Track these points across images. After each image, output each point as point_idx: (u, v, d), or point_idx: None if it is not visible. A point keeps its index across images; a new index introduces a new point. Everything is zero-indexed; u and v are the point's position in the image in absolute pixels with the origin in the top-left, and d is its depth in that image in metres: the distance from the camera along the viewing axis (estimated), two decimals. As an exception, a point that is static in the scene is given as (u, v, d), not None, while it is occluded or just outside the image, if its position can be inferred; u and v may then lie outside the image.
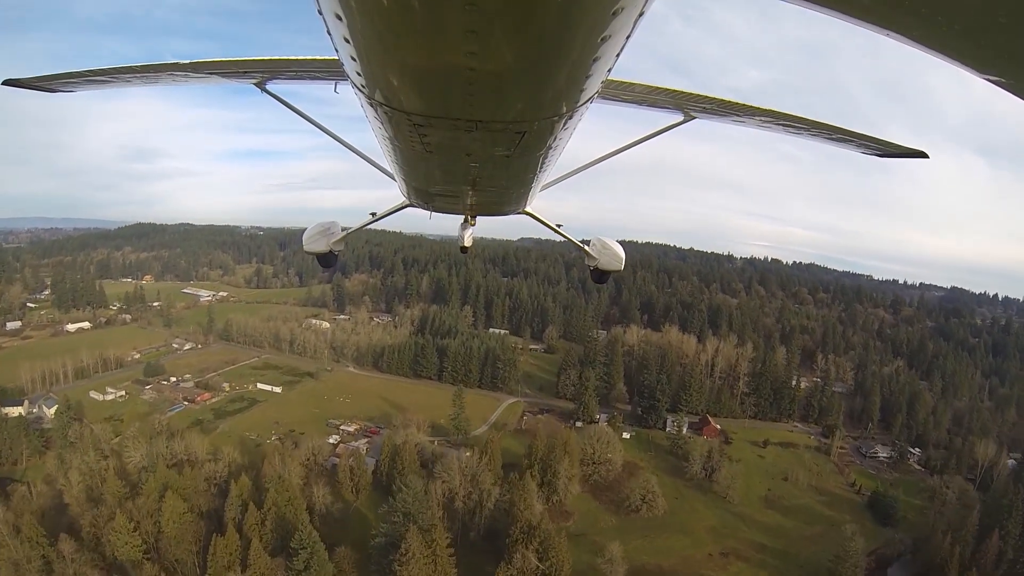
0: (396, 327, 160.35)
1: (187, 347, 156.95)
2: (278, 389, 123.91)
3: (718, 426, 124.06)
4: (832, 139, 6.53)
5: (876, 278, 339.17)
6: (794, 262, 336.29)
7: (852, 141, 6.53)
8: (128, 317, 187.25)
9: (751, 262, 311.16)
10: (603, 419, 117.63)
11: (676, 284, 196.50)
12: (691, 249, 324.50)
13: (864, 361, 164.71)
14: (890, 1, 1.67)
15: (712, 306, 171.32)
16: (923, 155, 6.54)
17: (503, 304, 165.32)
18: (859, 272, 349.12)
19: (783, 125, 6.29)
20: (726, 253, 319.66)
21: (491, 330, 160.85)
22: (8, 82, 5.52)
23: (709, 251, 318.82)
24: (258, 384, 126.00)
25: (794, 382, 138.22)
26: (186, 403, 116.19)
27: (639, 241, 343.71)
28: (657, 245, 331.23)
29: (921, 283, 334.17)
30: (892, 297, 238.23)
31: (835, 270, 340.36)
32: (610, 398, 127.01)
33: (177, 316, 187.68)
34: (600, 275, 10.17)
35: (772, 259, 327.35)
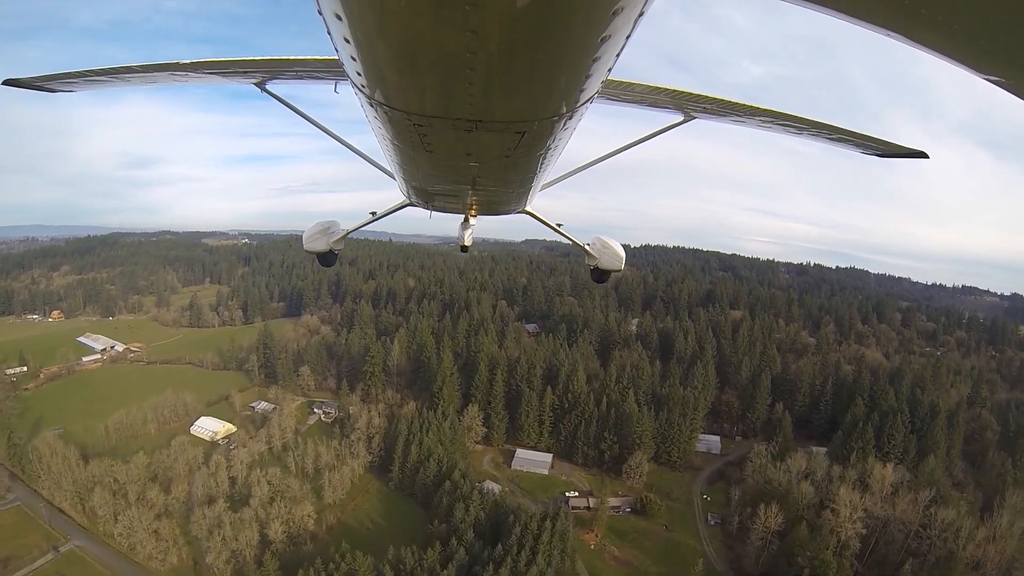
0: (340, 454, 75.43)
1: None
2: None
3: None
4: (832, 139, 5.78)
5: (915, 280, 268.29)
6: (836, 266, 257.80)
7: (852, 141, 5.74)
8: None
9: (801, 270, 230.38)
10: None
11: (793, 333, 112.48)
12: (734, 255, 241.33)
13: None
14: (891, 2, 1.53)
15: (895, 388, 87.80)
16: (923, 155, 5.69)
17: (539, 406, 79.94)
18: (899, 275, 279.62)
19: (783, 125, 5.61)
20: (770, 259, 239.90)
21: (518, 455, 76.43)
22: (8, 82, 4.97)
23: (754, 257, 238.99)
24: None
25: None
26: None
27: (669, 246, 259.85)
28: (693, 251, 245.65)
29: (964, 285, 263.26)
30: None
31: (871, 272, 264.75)
32: None
33: (11, 410, 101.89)
34: (600, 274, 8.70)
35: (815, 264, 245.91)
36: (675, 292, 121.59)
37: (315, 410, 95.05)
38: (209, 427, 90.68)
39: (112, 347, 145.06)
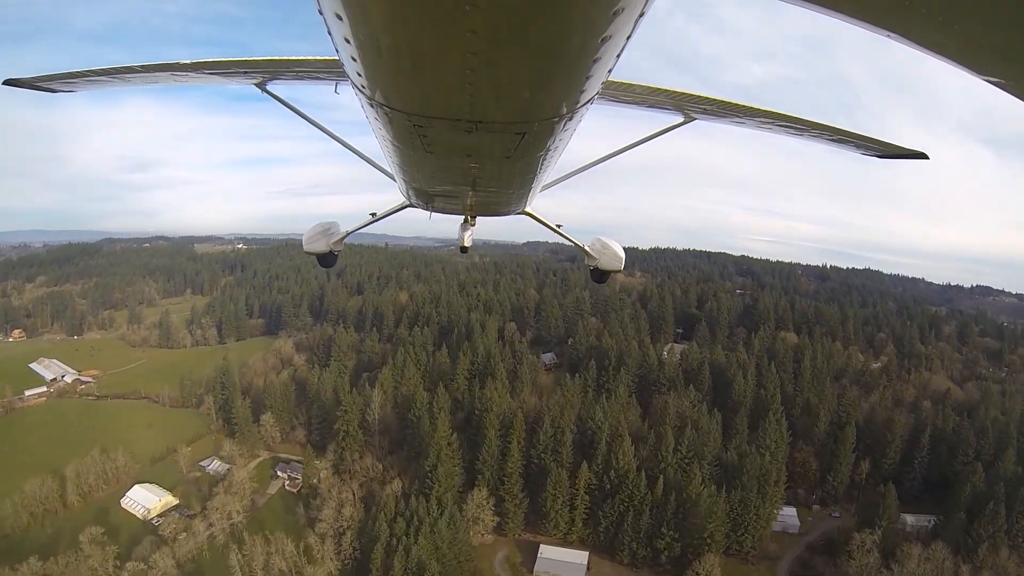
0: (301, 559, 54.51)
1: None
2: None
3: None
4: (832, 140, 5.61)
5: (930, 281, 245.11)
6: (852, 267, 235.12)
7: (852, 142, 5.56)
8: None
9: (821, 273, 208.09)
10: None
11: (858, 362, 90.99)
12: (744, 257, 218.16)
13: None
14: (890, 3, 1.50)
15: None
16: (923, 156, 5.48)
17: (571, 486, 58.38)
18: (912, 275, 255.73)
19: (783, 126, 5.46)
20: (780, 260, 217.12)
21: (543, 554, 55.26)
22: (8, 82, 4.85)
23: (763, 258, 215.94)
24: None
25: None
26: None
27: (678, 248, 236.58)
28: (707, 254, 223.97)
29: (978, 285, 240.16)
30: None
31: (884, 273, 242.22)
32: None
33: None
34: (600, 275, 8.34)
35: (831, 266, 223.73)
36: (712, 310, 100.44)
37: (278, 473, 73.73)
38: (143, 501, 69.31)
39: (63, 377, 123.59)
